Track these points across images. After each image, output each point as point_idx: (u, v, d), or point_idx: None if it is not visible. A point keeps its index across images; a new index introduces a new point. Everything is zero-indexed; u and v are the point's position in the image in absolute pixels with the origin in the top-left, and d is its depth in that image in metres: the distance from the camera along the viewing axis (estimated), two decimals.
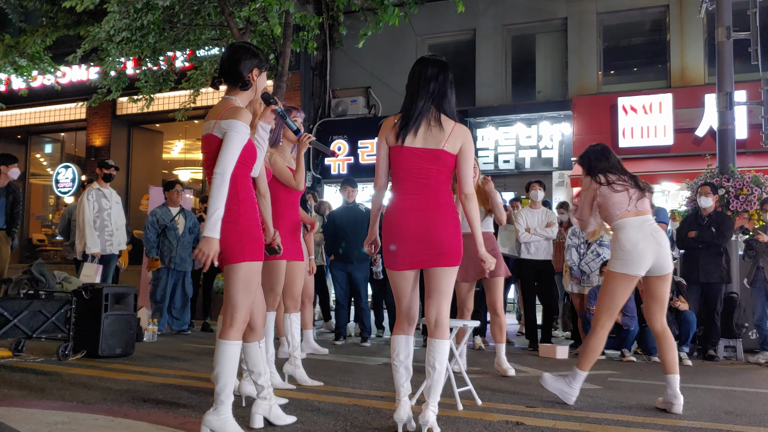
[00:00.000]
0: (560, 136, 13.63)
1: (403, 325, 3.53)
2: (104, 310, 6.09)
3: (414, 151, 3.45)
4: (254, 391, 3.66)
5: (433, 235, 3.40)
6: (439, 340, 3.44)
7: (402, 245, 3.44)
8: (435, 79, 3.51)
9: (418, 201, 3.44)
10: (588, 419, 3.99)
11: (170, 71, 12.09)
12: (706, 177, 8.28)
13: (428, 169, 3.45)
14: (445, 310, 3.49)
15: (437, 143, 3.44)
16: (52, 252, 17.76)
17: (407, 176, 3.48)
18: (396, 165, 3.51)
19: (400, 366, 3.45)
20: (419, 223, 3.41)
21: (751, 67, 9.02)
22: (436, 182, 3.47)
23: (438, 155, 3.45)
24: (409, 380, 3.47)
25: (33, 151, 19.09)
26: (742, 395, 5.11)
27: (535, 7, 14.36)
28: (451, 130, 3.47)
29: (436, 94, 3.49)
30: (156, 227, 8.46)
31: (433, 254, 3.41)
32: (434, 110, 3.48)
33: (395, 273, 3.53)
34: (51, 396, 4.24)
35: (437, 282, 3.48)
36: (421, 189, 3.46)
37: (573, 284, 7.79)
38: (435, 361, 3.41)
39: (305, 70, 15.33)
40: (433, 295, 3.49)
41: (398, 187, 3.53)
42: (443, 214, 3.44)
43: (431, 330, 3.49)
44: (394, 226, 3.48)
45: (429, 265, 3.45)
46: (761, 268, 7.17)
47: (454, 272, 3.50)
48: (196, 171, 17.30)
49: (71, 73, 16.32)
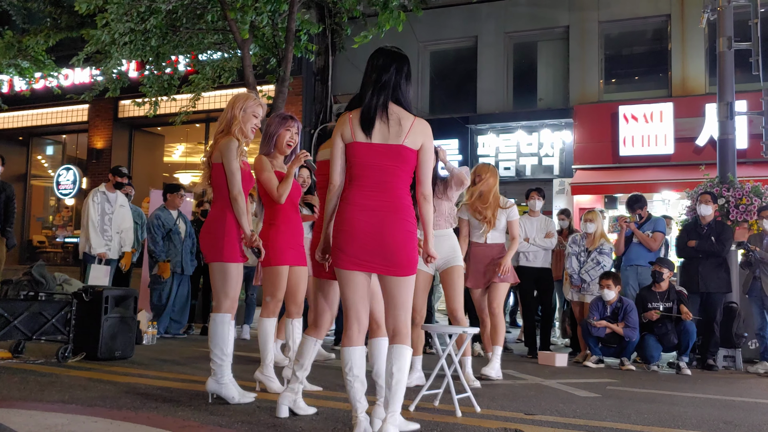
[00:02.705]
0: (561, 143, 13.65)
1: (353, 334, 3.28)
2: (104, 313, 6.09)
3: (372, 147, 3.25)
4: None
5: (386, 240, 3.18)
6: (399, 345, 3.22)
7: (351, 243, 3.21)
8: (386, 71, 3.32)
9: (374, 199, 3.23)
10: (587, 427, 4.00)
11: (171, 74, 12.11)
12: (706, 186, 8.30)
13: (388, 166, 3.24)
14: (403, 321, 3.26)
15: (397, 138, 3.24)
16: (53, 254, 17.77)
17: (364, 173, 3.26)
18: (352, 162, 3.29)
19: (354, 381, 3.25)
20: (373, 224, 3.19)
21: (751, 77, 9.05)
22: (397, 180, 3.25)
23: (398, 151, 3.24)
24: (364, 394, 3.28)
25: (34, 153, 19.12)
26: (740, 405, 5.11)
27: (537, 15, 14.40)
28: (411, 124, 3.27)
29: (389, 86, 3.31)
30: (162, 230, 8.42)
31: (385, 261, 3.20)
32: (389, 103, 3.29)
33: (343, 272, 3.27)
34: (50, 398, 4.24)
35: (392, 293, 3.26)
36: (379, 187, 3.24)
37: (573, 292, 7.79)
38: (393, 366, 3.18)
39: (307, 75, 15.37)
40: (389, 307, 3.29)
41: (354, 184, 3.28)
42: (400, 217, 3.21)
43: (390, 338, 3.28)
44: (345, 222, 3.24)
45: (379, 271, 3.24)
46: (758, 278, 7.18)
47: (410, 282, 3.27)
48: (196, 174, 17.31)
49: (73, 75, 16.36)
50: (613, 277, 7.24)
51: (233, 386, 4.24)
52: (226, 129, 4.33)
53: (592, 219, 7.72)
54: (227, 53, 12.00)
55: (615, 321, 7.14)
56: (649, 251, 7.88)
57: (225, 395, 4.20)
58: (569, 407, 4.66)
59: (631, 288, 7.86)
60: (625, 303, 7.16)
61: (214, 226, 4.29)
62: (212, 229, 4.28)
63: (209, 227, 4.31)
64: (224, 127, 4.34)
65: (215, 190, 4.35)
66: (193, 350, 7.26)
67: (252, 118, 4.36)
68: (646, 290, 7.40)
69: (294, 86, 13.70)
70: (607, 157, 13.15)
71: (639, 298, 7.39)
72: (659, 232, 7.96)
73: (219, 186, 4.31)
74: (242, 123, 4.31)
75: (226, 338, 4.23)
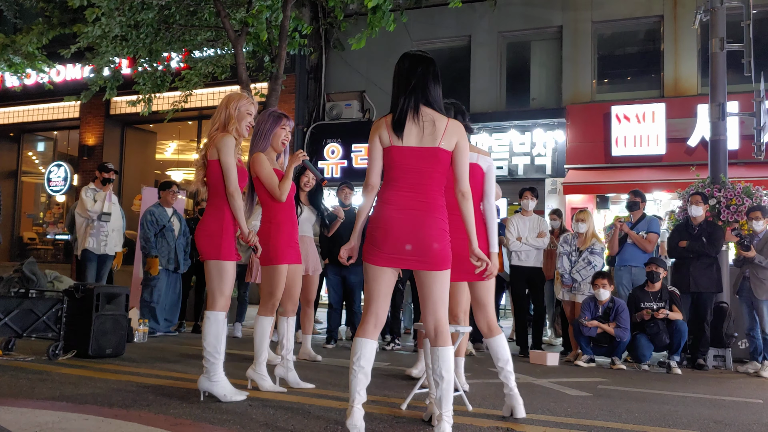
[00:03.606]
0: (554, 143, 13.68)
1: (369, 327, 3.40)
2: (95, 310, 6.07)
3: (411, 150, 3.37)
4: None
5: (421, 237, 3.30)
6: (442, 348, 3.33)
7: (386, 240, 3.32)
8: (413, 74, 3.43)
9: (411, 199, 3.35)
10: (578, 426, 4.01)
11: (165, 71, 12.07)
12: (698, 187, 8.33)
13: (425, 169, 3.37)
14: (443, 317, 3.39)
15: (433, 141, 3.36)
16: (43, 251, 17.70)
17: (402, 175, 3.38)
18: (391, 165, 3.41)
19: (359, 371, 3.33)
20: (409, 221, 3.31)
21: (743, 78, 9.08)
22: (432, 182, 3.38)
23: (435, 153, 3.36)
24: (365, 387, 3.35)
25: (25, 149, 19.01)
26: (730, 404, 5.14)
27: (530, 14, 14.42)
28: (445, 126, 3.39)
29: (419, 89, 3.42)
30: (155, 226, 8.38)
31: (420, 257, 3.31)
32: (421, 106, 3.40)
33: (373, 268, 3.39)
34: (41, 395, 4.22)
35: (429, 288, 3.38)
36: (415, 188, 3.36)
37: (564, 292, 7.81)
38: (441, 369, 3.30)
39: (300, 73, 15.35)
40: (427, 303, 3.39)
41: (391, 185, 3.41)
42: (435, 216, 3.34)
43: (432, 339, 3.39)
44: (381, 219, 3.36)
45: (413, 266, 3.36)
46: (747, 278, 7.22)
47: (446, 277, 3.39)
48: (189, 172, 17.27)
49: (65, 71, 16.28)
50: (607, 277, 7.26)
51: (225, 384, 4.24)
52: (221, 127, 4.36)
53: (583, 219, 7.74)
54: (220, 50, 11.97)
55: (606, 321, 7.16)
56: (644, 252, 7.91)
57: (217, 393, 4.20)
58: (560, 406, 4.68)
59: (624, 288, 7.89)
60: (617, 303, 7.19)
61: (211, 224, 4.29)
62: (209, 227, 4.28)
63: (205, 225, 4.31)
64: (219, 126, 4.38)
65: (211, 187, 4.36)
66: (185, 348, 7.24)
67: (246, 116, 4.42)
68: (638, 290, 7.43)
69: (287, 84, 13.69)
70: (600, 157, 13.18)
71: (631, 298, 7.42)
72: (653, 233, 7.98)
73: (214, 183, 4.31)
74: (237, 121, 4.35)
75: (220, 336, 4.24)
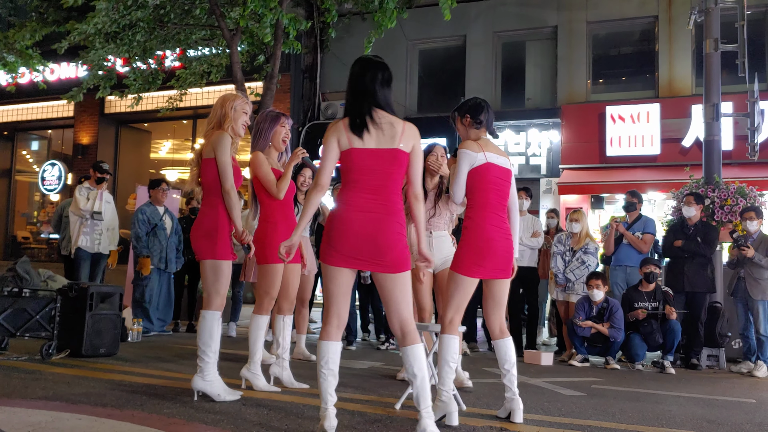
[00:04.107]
0: (548, 143, 13.69)
1: (332, 329, 3.43)
2: (89, 309, 6.05)
3: (371, 152, 3.38)
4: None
5: (379, 240, 3.32)
6: (411, 347, 3.37)
7: (344, 242, 3.34)
8: (366, 78, 3.47)
9: (370, 201, 3.36)
10: (571, 426, 4.01)
11: (160, 70, 12.04)
12: (692, 187, 8.35)
13: (385, 170, 3.39)
14: (408, 317, 3.41)
15: (392, 142, 3.39)
16: (37, 250, 17.64)
17: (362, 177, 3.39)
18: (351, 167, 3.41)
19: (329, 374, 3.36)
20: (367, 225, 3.33)
21: (738, 78, 9.11)
22: (391, 183, 3.40)
23: (394, 155, 3.39)
24: (334, 387, 3.38)
25: (19, 148, 18.96)
26: (723, 404, 5.15)
27: (525, 15, 14.44)
28: (402, 128, 3.43)
29: (372, 93, 3.45)
30: (147, 225, 8.35)
31: (377, 259, 3.34)
32: (376, 109, 3.43)
33: (330, 268, 3.41)
34: (34, 395, 4.20)
35: (389, 290, 3.40)
36: (376, 190, 3.38)
37: (558, 291, 7.82)
38: (413, 368, 3.34)
39: (295, 72, 15.33)
40: (390, 305, 3.42)
41: (350, 186, 3.42)
42: (393, 219, 3.36)
43: (400, 339, 3.42)
44: (339, 220, 3.38)
45: (370, 268, 3.39)
46: (742, 279, 7.24)
47: (405, 278, 3.41)
48: (183, 171, 17.22)
49: (60, 70, 16.23)
50: (601, 278, 7.27)
51: (219, 384, 4.24)
52: (217, 125, 4.36)
53: (577, 219, 7.75)
54: (215, 49, 11.95)
55: (601, 321, 7.17)
56: (639, 252, 7.91)
57: (210, 392, 4.19)
58: (554, 406, 4.68)
59: (619, 288, 7.89)
60: (611, 303, 7.20)
61: (207, 223, 4.28)
62: (205, 227, 4.27)
63: (201, 224, 4.30)
64: (215, 124, 4.38)
65: (206, 186, 4.34)
66: (179, 347, 7.23)
67: (242, 114, 4.43)
68: (632, 290, 7.45)
69: (282, 83, 13.67)
70: (594, 157, 13.21)
71: (625, 298, 7.43)
72: (649, 234, 7.99)
73: (210, 182, 4.30)
74: (233, 120, 4.35)
75: (215, 335, 4.23)
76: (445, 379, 3.84)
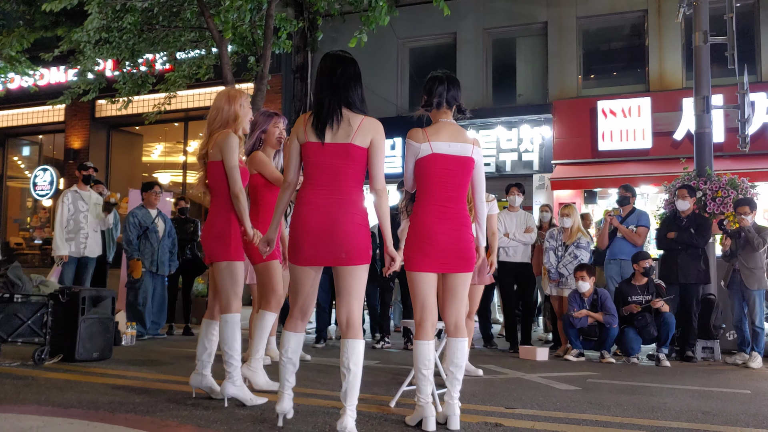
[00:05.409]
0: (540, 139, 13.69)
1: (297, 321, 3.55)
2: (81, 314, 6.03)
3: (324, 147, 3.42)
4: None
5: (336, 234, 3.36)
6: (352, 340, 3.39)
7: (306, 242, 3.40)
8: (334, 73, 3.47)
9: (326, 197, 3.40)
10: (567, 420, 4.01)
11: (150, 73, 12.00)
12: (684, 180, 8.36)
13: (337, 165, 3.42)
14: (356, 311, 3.44)
15: (346, 137, 3.41)
16: (30, 255, 17.55)
17: (317, 172, 3.45)
18: (306, 162, 3.48)
19: (288, 362, 3.49)
20: (324, 221, 3.37)
21: (727, 71, 9.12)
22: (346, 178, 3.43)
23: (347, 150, 3.41)
24: (294, 374, 3.52)
25: (10, 154, 18.86)
26: (718, 396, 5.16)
27: (515, 11, 14.43)
28: (359, 123, 3.44)
29: (339, 88, 3.45)
30: (138, 228, 8.30)
31: (336, 253, 3.37)
32: (340, 104, 3.44)
33: (296, 268, 3.51)
34: (26, 400, 4.18)
35: (345, 282, 3.44)
36: (329, 185, 3.42)
37: (551, 286, 7.82)
38: (350, 362, 3.35)
39: (286, 72, 15.29)
40: (342, 296, 3.45)
41: (307, 182, 3.49)
42: (350, 211, 3.40)
43: (344, 331, 3.43)
44: (300, 221, 3.44)
45: (332, 263, 3.42)
46: (737, 270, 7.24)
47: (362, 272, 3.45)
48: (176, 174, 17.17)
49: (49, 74, 16.16)
50: (587, 269, 7.28)
51: (246, 389, 4.19)
52: (224, 125, 4.24)
53: (568, 213, 7.75)
54: (204, 50, 11.91)
55: (594, 311, 7.19)
56: (633, 246, 7.91)
57: (243, 398, 4.14)
58: (549, 400, 4.68)
59: (614, 281, 7.90)
60: (600, 293, 7.23)
61: (219, 224, 4.18)
62: (216, 229, 4.17)
63: (213, 226, 4.19)
64: (222, 124, 4.25)
65: (213, 188, 4.24)
66: (173, 351, 7.20)
67: (249, 112, 4.37)
68: (625, 284, 7.45)
69: (273, 84, 13.62)
70: (587, 152, 13.21)
71: (618, 292, 7.44)
72: (643, 227, 7.99)
73: (217, 184, 4.20)
74: (243, 119, 4.29)
75: (239, 338, 4.17)
76: (419, 386, 3.71)
